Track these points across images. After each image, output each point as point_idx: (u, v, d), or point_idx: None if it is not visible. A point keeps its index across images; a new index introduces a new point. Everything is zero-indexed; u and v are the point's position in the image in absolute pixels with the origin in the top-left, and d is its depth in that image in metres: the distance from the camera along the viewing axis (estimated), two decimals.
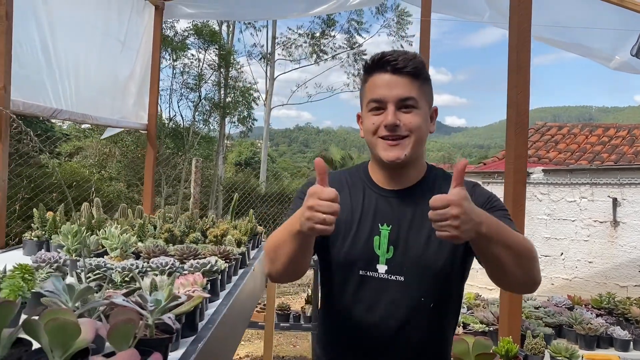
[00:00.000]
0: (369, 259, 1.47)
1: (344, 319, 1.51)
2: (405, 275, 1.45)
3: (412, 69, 1.43)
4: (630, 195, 6.60)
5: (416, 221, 1.47)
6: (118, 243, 2.30)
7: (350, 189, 1.56)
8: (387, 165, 1.50)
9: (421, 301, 1.45)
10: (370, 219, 1.49)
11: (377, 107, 1.45)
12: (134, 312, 1.28)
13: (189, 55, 16.52)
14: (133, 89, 4.59)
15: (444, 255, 1.44)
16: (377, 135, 1.46)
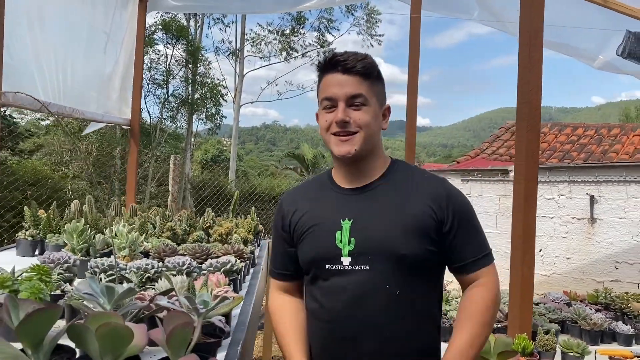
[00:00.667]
0: (333, 254, 1.51)
1: (319, 313, 1.57)
2: (370, 263, 1.49)
3: (361, 68, 1.52)
4: (607, 192, 6.77)
5: (377, 212, 1.52)
6: (126, 242, 2.18)
7: (313, 195, 1.66)
8: (344, 162, 1.58)
9: (386, 288, 1.48)
10: (333, 217, 1.55)
11: (330, 105, 1.53)
12: (187, 316, 1.20)
13: (156, 51, 16.18)
14: (117, 84, 4.43)
15: (407, 242, 1.47)
16: (329, 132, 1.54)
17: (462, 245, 1.53)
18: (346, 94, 1.50)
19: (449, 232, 1.51)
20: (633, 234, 6.66)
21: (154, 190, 13.79)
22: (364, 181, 1.59)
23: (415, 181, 1.58)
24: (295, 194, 1.73)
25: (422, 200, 1.52)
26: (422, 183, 1.57)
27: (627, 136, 9.85)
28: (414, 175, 1.60)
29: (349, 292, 1.49)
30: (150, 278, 1.94)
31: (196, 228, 2.91)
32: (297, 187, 1.79)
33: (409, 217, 1.49)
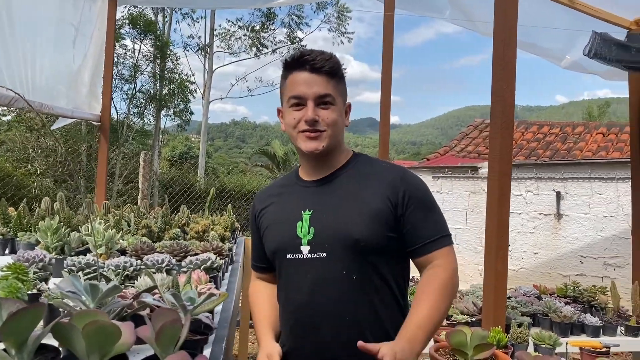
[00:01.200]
0: (293, 244, 1.56)
1: (284, 302, 1.63)
2: (327, 251, 1.53)
3: (328, 68, 1.57)
4: (573, 189, 6.96)
5: (336, 202, 1.58)
6: (103, 240, 2.14)
7: (280, 193, 1.73)
8: (309, 157, 1.63)
9: (343, 274, 1.51)
10: (295, 209, 1.61)
11: (298, 103, 1.57)
12: (175, 313, 1.18)
13: (123, 46, 15.89)
14: (86, 78, 4.33)
15: (361, 227, 1.51)
16: (297, 129, 1.58)
17: (417, 227, 1.55)
18: (315, 93, 1.55)
19: (404, 214, 1.54)
20: (597, 229, 6.87)
21: (121, 187, 13.53)
22: (324, 173, 1.65)
23: (373, 170, 1.64)
24: (266, 191, 1.79)
25: (379, 187, 1.57)
26: (380, 172, 1.62)
27: (591, 134, 10.12)
28: (373, 166, 1.66)
29: (308, 280, 1.54)
30: (129, 276, 1.91)
31: (172, 226, 2.87)
32: (269, 186, 1.86)
33: (365, 204, 1.54)
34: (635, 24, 4.58)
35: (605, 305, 3.32)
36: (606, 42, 4.25)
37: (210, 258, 2.01)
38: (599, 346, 2.44)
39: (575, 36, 4.81)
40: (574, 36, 4.82)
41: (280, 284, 1.66)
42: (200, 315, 1.29)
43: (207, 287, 1.63)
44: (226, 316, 1.71)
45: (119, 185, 13.37)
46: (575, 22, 4.67)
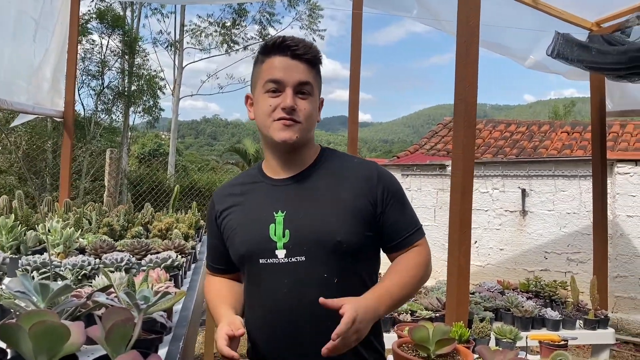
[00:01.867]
0: (266, 248, 1.46)
1: (257, 309, 1.51)
2: (306, 254, 1.44)
3: (311, 56, 1.49)
4: (537, 186, 7.11)
5: (310, 201, 1.49)
6: (61, 239, 2.10)
7: (244, 192, 1.61)
8: (278, 151, 1.53)
9: (324, 277, 1.44)
10: (265, 210, 1.50)
11: (275, 89, 1.47)
12: (127, 312, 1.16)
13: (90, 41, 15.58)
14: (48, 74, 4.23)
15: (342, 228, 1.44)
16: (272, 117, 1.47)
17: (397, 222, 1.53)
18: (296, 80, 1.46)
19: (383, 212, 1.50)
20: (561, 225, 7.04)
21: (88, 185, 13.27)
22: (295, 170, 1.55)
23: (346, 166, 1.56)
24: (226, 190, 1.67)
25: (355, 185, 1.51)
26: (353, 168, 1.56)
27: (556, 133, 10.35)
28: (345, 161, 1.59)
29: (286, 286, 1.45)
30: (87, 275, 1.88)
31: (135, 224, 2.83)
32: (228, 182, 1.73)
33: (343, 203, 1.47)
34: (597, 25, 4.70)
35: (565, 300, 3.40)
36: (568, 42, 4.34)
37: (171, 256, 1.98)
38: (558, 339, 2.50)
39: (539, 36, 4.89)
40: (537, 36, 4.91)
41: (251, 290, 1.54)
42: (154, 314, 1.27)
43: (165, 286, 1.61)
44: (186, 315, 1.70)
45: (86, 183, 13.11)
46: (539, 23, 4.76)
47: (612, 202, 6.60)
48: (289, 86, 1.45)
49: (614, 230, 6.60)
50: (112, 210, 3.08)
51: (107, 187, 6.41)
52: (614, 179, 6.68)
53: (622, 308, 6.58)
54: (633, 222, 6.58)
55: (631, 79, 3.95)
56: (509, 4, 4.72)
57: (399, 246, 1.54)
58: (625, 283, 6.57)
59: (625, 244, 6.59)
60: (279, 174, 1.56)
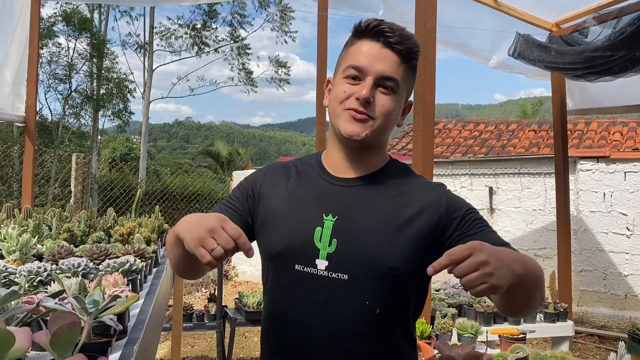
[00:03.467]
0: (307, 253, 1.28)
1: (277, 320, 1.34)
2: (349, 273, 1.26)
3: (405, 48, 1.29)
4: (504, 184, 7.25)
5: (367, 212, 1.30)
6: (17, 245, 2.07)
7: (294, 177, 1.41)
8: (344, 146, 1.35)
9: (365, 305, 1.26)
10: (314, 209, 1.32)
11: (355, 76, 1.29)
12: (74, 315, 1.16)
13: (56, 44, 15.32)
14: (8, 77, 4.16)
15: (398, 254, 1.26)
16: (343, 106, 1.29)
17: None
18: (379, 71, 1.27)
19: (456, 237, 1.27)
20: (527, 222, 7.19)
21: (57, 191, 13.04)
22: (358, 173, 1.36)
23: (411, 183, 1.36)
24: (280, 170, 1.46)
25: (420, 206, 1.30)
26: (419, 186, 1.36)
27: (524, 131, 10.55)
28: (410, 178, 1.39)
29: (319, 303, 1.27)
30: (43, 281, 1.86)
31: (96, 229, 2.80)
32: (284, 164, 1.50)
33: (402, 225, 1.28)
34: (556, 26, 4.83)
35: None
36: (529, 43, 4.45)
37: (129, 261, 1.97)
38: (517, 333, 2.56)
39: (502, 37, 5.00)
40: (500, 37, 5.01)
41: (276, 296, 1.36)
42: (104, 318, 1.27)
43: (120, 290, 1.61)
44: (142, 319, 1.69)
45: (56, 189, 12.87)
46: (501, 24, 4.87)
47: (575, 198, 6.77)
48: (370, 76, 1.27)
49: (578, 226, 6.77)
50: (74, 216, 3.04)
51: (73, 193, 6.32)
52: (577, 176, 6.85)
53: (587, 301, 6.75)
54: (596, 218, 6.76)
55: (588, 78, 4.07)
56: (471, 6, 4.82)
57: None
58: (589, 277, 6.74)
59: (589, 238, 6.77)
60: (339, 172, 1.38)
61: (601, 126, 9.58)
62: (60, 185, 12.94)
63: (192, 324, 4.33)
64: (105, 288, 1.63)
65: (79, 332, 1.12)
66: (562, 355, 2.12)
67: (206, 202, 12.68)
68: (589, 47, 3.85)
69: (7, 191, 12.04)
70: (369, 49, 1.29)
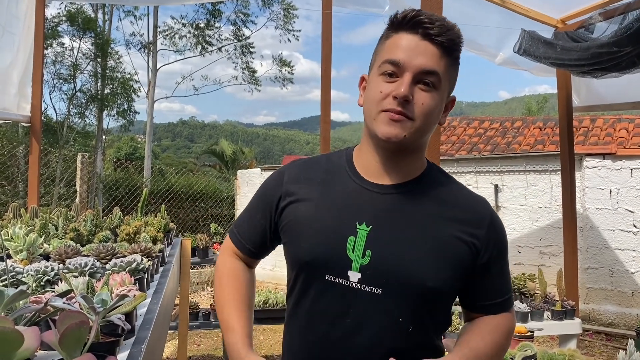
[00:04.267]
0: (338, 263, 1.22)
1: (303, 331, 1.29)
2: (384, 287, 1.20)
3: (446, 40, 1.19)
4: (510, 181, 7.23)
5: (406, 224, 1.23)
6: (24, 245, 2.07)
7: (323, 176, 1.33)
8: (381, 149, 1.26)
9: (399, 322, 1.21)
10: (347, 217, 1.24)
11: (391, 73, 1.20)
12: (83, 315, 1.16)
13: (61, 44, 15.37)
14: (15, 78, 4.17)
15: (436, 273, 1.20)
16: (380, 107, 1.20)
17: (492, 283, 1.29)
18: (419, 66, 1.17)
19: (485, 264, 1.25)
20: (533, 219, 7.16)
21: (62, 191, 13.08)
22: (395, 179, 1.27)
23: (455, 196, 1.29)
24: (304, 168, 1.38)
25: (461, 222, 1.24)
26: (463, 201, 1.29)
27: (529, 128, 10.51)
28: (452, 188, 1.31)
29: (350, 316, 1.22)
30: (50, 281, 1.86)
31: (103, 228, 2.81)
32: (308, 161, 1.41)
33: (441, 240, 1.22)
34: (562, 23, 4.80)
35: (534, 292, 3.47)
36: (534, 39, 4.43)
37: (136, 260, 1.97)
38: (524, 331, 2.55)
39: (508, 34, 4.98)
40: (506, 34, 4.99)
41: (305, 305, 1.29)
42: (112, 317, 1.27)
43: (128, 289, 1.61)
44: (150, 318, 1.69)
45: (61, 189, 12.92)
46: (506, 20, 4.85)
47: (582, 195, 6.74)
48: (408, 71, 1.18)
49: (585, 223, 6.74)
50: (80, 215, 3.05)
51: (79, 192, 6.33)
52: (583, 173, 6.82)
53: (594, 299, 6.72)
54: (602, 215, 6.73)
55: (594, 74, 4.05)
56: (476, 2, 4.80)
57: (487, 309, 1.30)
58: (596, 274, 6.71)
59: (596, 236, 6.74)
60: (373, 176, 1.29)
61: (607, 123, 9.53)
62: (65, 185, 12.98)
63: (198, 323, 4.33)
64: (112, 287, 1.63)
65: (88, 332, 1.13)
66: (570, 353, 2.11)
67: (211, 201, 12.70)
68: (595, 43, 3.83)
69: (13, 191, 12.10)
70: (407, 41, 1.20)
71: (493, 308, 1.30)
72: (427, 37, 1.18)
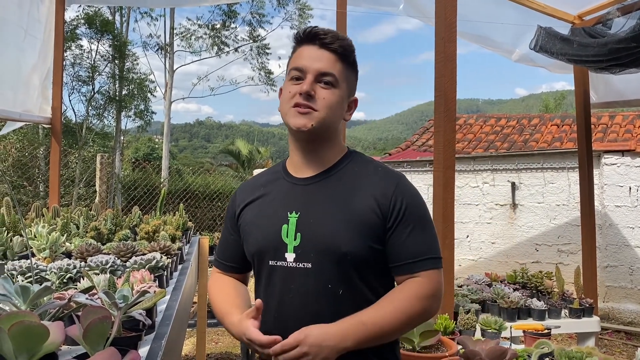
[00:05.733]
0: (277, 248, 1.44)
1: (264, 312, 1.40)
2: (313, 261, 1.40)
3: (338, 47, 1.46)
4: (527, 179, 7.17)
5: (324, 206, 1.44)
6: (47, 243, 2.13)
7: (266, 186, 1.57)
8: (300, 145, 1.50)
9: (328, 288, 1.39)
10: (281, 209, 1.47)
11: (298, 77, 1.45)
12: (105, 310, 1.20)
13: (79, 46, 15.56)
14: (36, 81, 4.25)
15: (349, 240, 1.38)
16: (290, 104, 1.44)
17: (403, 244, 1.41)
18: (317, 69, 1.43)
19: (392, 227, 1.41)
20: (551, 217, 7.10)
21: (82, 191, 13.27)
22: (315, 170, 1.50)
23: (367, 174, 1.49)
24: (251, 183, 1.64)
25: (370, 194, 1.43)
26: (373, 175, 1.48)
27: (546, 126, 10.42)
28: (367, 168, 1.51)
29: (291, 292, 1.42)
30: (73, 278, 1.91)
31: (122, 227, 2.86)
32: (254, 177, 1.70)
33: (353, 212, 1.41)
34: (579, 18, 4.75)
35: (551, 290, 3.46)
36: (550, 36, 4.39)
37: (155, 257, 2.01)
38: (541, 328, 2.54)
39: (524, 30, 4.95)
40: (523, 30, 4.96)
41: (259, 291, 1.51)
42: (133, 313, 1.30)
43: (148, 286, 1.64)
44: (169, 314, 1.73)
45: (80, 189, 13.10)
46: (523, 17, 4.82)
47: (600, 192, 6.66)
48: (310, 73, 1.43)
49: (603, 221, 6.66)
50: (100, 214, 3.10)
51: (98, 192, 6.43)
52: (601, 170, 6.74)
53: (613, 297, 6.65)
54: (621, 212, 6.65)
55: (612, 70, 4.00)
56: None
57: (402, 270, 1.42)
58: (615, 273, 6.63)
59: (615, 234, 6.66)
60: (299, 172, 1.52)
61: (626, 119, 9.40)
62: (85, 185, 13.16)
63: (216, 320, 4.36)
64: (133, 284, 1.67)
65: (110, 327, 1.16)
66: (589, 351, 2.10)
67: (228, 200, 12.76)
68: (613, 38, 3.79)
69: (34, 192, 12.30)
70: (306, 52, 1.46)
71: (405, 268, 1.42)
72: (323, 46, 1.45)
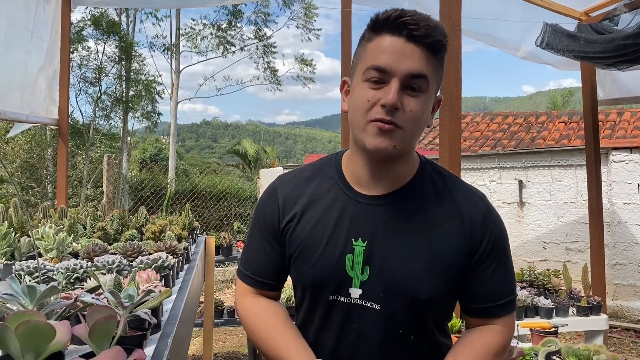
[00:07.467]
0: (340, 282, 1.23)
1: (313, 347, 1.25)
2: (381, 303, 1.20)
3: (433, 41, 1.13)
4: (534, 177, 7.14)
5: (399, 235, 1.21)
6: (54, 244, 2.14)
7: (319, 195, 1.30)
8: (370, 159, 1.22)
9: (399, 333, 1.22)
10: (343, 233, 1.23)
11: (378, 79, 1.13)
12: (111, 309, 1.20)
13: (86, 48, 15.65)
14: (43, 83, 4.28)
15: (430, 285, 1.19)
16: (368, 116, 1.14)
17: (488, 285, 1.24)
18: (407, 70, 1.11)
19: (474, 265, 1.22)
20: (558, 215, 7.06)
21: (90, 192, 13.34)
22: (386, 188, 1.24)
23: (450, 197, 1.25)
24: (296, 185, 1.33)
25: (456, 226, 1.21)
26: (457, 199, 1.25)
27: (553, 123, 10.37)
28: (448, 186, 1.27)
29: (353, 332, 1.23)
30: (80, 278, 1.92)
31: (129, 227, 2.87)
32: (297, 176, 1.36)
33: (435, 251, 1.20)
34: (585, 15, 4.73)
35: (559, 288, 3.44)
36: (557, 33, 4.37)
37: (161, 257, 2.02)
38: (548, 326, 2.53)
39: (530, 27, 4.93)
40: (528, 27, 4.94)
41: (312, 324, 1.31)
42: (139, 312, 1.31)
43: (154, 285, 1.65)
44: (175, 313, 1.73)
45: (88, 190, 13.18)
46: (529, 14, 4.80)
47: (608, 190, 6.62)
48: (396, 77, 1.12)
49: (612, 218, 6.62)
50: (107, 215, 3.12)
51: (105, 193, 6.46)
52: (609, 167, 6.70)
53: (622, 295, 6.61)
54: (630, 210, 6.61)
55: (619, 66, 3.98)
56: None
57: (477, 313, 1.27)
58: (624, 270, 6.59)
59: (623, 231, 6.62)
60: (365, 188, 1.26)
61: (634, 116, 9.34)
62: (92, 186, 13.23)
63: (223, 320, 4.39)
64: (139, 284, 1.68)
65: (116, 326, 1.16)
66: (596, 349, 2.09)
67: (234, 200, 12.80)
68: (620, 35, 3.77)
69: (42, 192, 12.39)
70: (391, 44, 1.13)
71: (482, 312, 1.26)
72: (412, 39, 1.12)
